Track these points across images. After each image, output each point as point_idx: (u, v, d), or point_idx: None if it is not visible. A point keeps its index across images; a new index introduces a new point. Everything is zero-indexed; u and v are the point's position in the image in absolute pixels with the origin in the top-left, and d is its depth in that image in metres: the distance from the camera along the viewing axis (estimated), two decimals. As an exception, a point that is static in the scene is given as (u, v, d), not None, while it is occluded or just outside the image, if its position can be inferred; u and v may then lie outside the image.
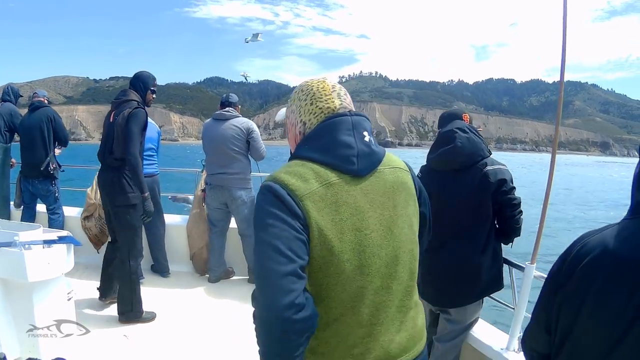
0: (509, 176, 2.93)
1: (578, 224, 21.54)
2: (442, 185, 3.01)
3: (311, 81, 1.64)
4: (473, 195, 2.92)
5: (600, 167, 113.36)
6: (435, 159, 3.09)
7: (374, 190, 1.49)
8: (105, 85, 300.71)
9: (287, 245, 1.33)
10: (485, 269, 2.96)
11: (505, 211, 2.93)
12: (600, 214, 26.21)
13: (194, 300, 4.91)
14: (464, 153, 2.95)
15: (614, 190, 42.57)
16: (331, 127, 1.51)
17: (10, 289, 3.07)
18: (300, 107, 1.59)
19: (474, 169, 2.93)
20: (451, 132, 3.02)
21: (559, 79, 2.69)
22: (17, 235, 3.01)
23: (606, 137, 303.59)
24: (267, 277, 1.31)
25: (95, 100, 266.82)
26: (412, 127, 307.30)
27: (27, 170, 5.64)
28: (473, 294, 3.04)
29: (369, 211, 1.46)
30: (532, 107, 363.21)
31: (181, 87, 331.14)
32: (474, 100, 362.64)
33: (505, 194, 2.89)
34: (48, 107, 5.83)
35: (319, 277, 1.44)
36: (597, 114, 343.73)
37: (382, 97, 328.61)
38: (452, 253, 2.99)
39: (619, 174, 77.19)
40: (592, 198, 36.18)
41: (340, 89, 1.61)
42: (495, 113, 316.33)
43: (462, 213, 2.96)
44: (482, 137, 3.08)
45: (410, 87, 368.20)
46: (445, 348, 3.14)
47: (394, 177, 1.56)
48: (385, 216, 1.50)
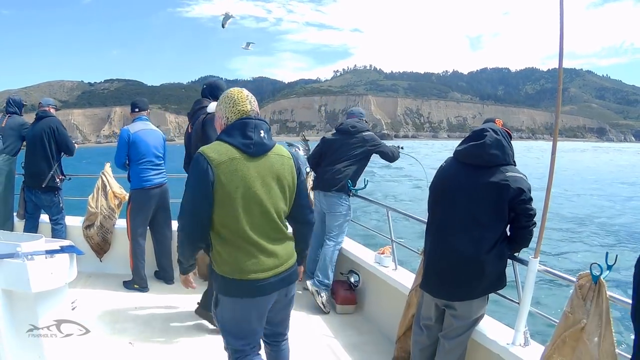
0: (527, 186, 3.00)
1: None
2: (464, 176, 3.14)
3: (234, 90, 2.72)
4: (491, 195, 3.00)
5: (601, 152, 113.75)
6: (462, 152, 3.20)
7: (261, 166, 2.57)
8: (100, 88, 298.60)
9: (200, 192, 2.49)
10: (489, 267, 3.00)
11: (521, 220, 3.02)
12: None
13: (194, 303, 4.90)
14: (490, 151, 3.05)
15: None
16: (242, 125, 2.59)
17: (14, 299, 3.09)
18: (226, 107, 2.65)
19: (496, 170, 3.02)
20: (484, 130, 3.15)
21: (555, 67, 2.72)
22: (19, 246, 3.03)
23: (602, 123, 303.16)
24: (184, 206, 2.57)
25: (90, 104, 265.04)
26: (408, 119, 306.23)
27: (30, 181, 5.64)
28: (474, 290, 3.09)
29: (256, 178, 2.54)
30: (528, 95, 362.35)
31: (176, 87, 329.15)
32: (469, 90, 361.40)
33: (523, 203, 2.97)
34: (52, 117, 5.82)
35: (222, 213, 2.52)
36: (593, 100, 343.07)
37: (377, 90, 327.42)
38: (460, 245, 3.06)
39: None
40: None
41: (252, 98, 2.71)
42: (490, 102, 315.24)
43: (478, 209, 3.04)
44: (512, 145, 3.17)
45: (405, 79, 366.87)
46: (451, 345, 3.17)
47: (277, 160, 2.65)
48: (266, 182, 2.58)
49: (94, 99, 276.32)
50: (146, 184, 5.35)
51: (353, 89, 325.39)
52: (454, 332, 3.19)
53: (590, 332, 2.43)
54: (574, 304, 2.56)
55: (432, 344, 3.35)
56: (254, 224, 2.55)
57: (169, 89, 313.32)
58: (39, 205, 5.78)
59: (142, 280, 5.32)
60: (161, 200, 5.57)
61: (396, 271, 4.53)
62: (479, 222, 3.03)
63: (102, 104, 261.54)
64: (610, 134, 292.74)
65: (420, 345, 3.41)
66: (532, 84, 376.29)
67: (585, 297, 2.51)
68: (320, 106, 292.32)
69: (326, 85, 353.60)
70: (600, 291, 2.45)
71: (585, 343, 2.44)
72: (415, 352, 3.45)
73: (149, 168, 5.38)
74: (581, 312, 2.50)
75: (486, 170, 3.05)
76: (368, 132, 5.43)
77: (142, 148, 5.33)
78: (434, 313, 3.32)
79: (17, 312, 3.11)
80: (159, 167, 5.50)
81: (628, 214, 23.08)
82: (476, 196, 3.05)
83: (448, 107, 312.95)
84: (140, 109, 5.60)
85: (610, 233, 18.26)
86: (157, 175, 5.43)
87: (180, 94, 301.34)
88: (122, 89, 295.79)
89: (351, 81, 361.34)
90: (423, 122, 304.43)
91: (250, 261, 2.54)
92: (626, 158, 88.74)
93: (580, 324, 2.48)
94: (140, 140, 5.34)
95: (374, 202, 5.62)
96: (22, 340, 3.13)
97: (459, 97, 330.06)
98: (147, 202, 5.40)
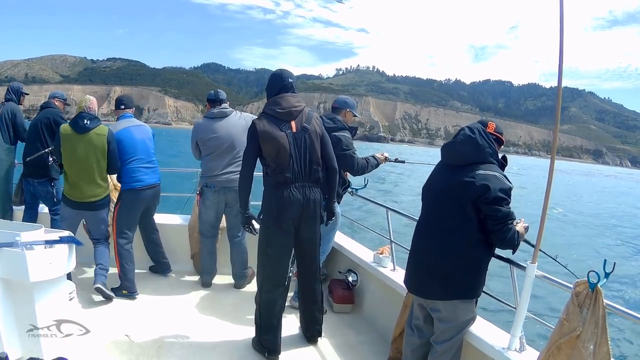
0: (497, 186, 2.89)
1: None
2: (440, 176, 3.17)
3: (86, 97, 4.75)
4: (456, 194, 2.98)
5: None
6: (441, 150, 3.22)
7: (84, 140, 4.47)
8: (102, 66, 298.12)
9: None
10: (455, 272, 3.02)
11: (487, 223, 2.94)
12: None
13: (193, 300, 4.95)
14: (461, 150, 3.04)
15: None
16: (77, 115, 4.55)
17: (12, 289, 3.06)
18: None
19: (469, 169, 2.98)
20: (461, 129, 3.13)
21: (556, 85, 2.73)
22: (18, 235, 3.01)
23: (600, 145, 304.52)
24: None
25: (91, 81, 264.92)
26: (406, 124, 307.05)
27: (27, 170, 5.57)
28: (447, 291, 3.08)
29: (79, 148, 4.46)
30: (528, 111, 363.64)
31: (178, 71, 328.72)
32: (470, 101, 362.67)
33: (486, 203, 2.89)
34: (53, 108, 5.73)
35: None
36: (592, 121, 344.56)
37: (377, 92, 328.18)
38: (433, 244, 3.09)
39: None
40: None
41: (88, 101, 4.74)
42: (489, 114, 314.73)
43: (449, 209, 3.03)
44: (494, 145, 3.09)
45: (406, 84, 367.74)
46: (442, 349, 3.15)
47: (96, 136, 4.51)
48: (86, 151, 4.47)
49: (95, 76, 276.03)
50: (137, 184, 4.97)
51: (354, 89, 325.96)
52: (442, 336, 3.16)
53: (586, 339, 2.40)
54: (570, 311, 2.51)
55: (423, 345, 3.33)
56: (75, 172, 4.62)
57: (170, 73, 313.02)
58: (37, 196, 5.66)
59: (131, 284, 4.86)
60: (153, 202, 5.28)
61: (394, 272, 4.50)
62: (449, 223, 3.01)
63: (102, 82, 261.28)
64: (607, 157, 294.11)
65: (411, 345, 3.40)
66: (534, 100, 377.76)
67: (581, 305, 2.46)
68: (319, 103, 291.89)
69: (327, 82, 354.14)
70: (597, 299, 2.41)
71: (580, 351, 2.41)
72: (407, 353, 3.43)
73: (140, 167, 4.99)
74: (577, 320, 2.45)
75: (460, 169, 3.02)
76: (342, 131, 4.54)
77: (128, 147, 4.92)
78: (421, 313, 3.32)
79: (15, 301, 3.08)
80: (151, 164, 5.12)
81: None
82: (446, 196, 3.04)
83: (447, 115, 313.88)
84: (127, 106, 5.26)
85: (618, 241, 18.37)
86: (150, 175, 5.07)
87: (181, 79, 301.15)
88: (124, 68, 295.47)
89: (353, 81, 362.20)
90: (420, 128, 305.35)
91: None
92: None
93: (576, 331, 2.44)
94: (126, 139, 4.92)
95: (373, 202, 5.48)
96: (19, 330, 3.11)
97: (459, 107, 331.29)
98: (136, 203, 5.04)
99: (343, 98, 4.92)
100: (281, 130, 3.57)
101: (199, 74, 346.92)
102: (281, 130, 3.57)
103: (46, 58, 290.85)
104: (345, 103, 4.81)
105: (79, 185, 4.62)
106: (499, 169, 3.03)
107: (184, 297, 4.98)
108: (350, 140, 4.52)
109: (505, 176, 2.98)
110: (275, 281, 3.75)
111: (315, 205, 3.71)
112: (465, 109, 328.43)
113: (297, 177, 3.60)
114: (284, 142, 3.55)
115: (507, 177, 2.98)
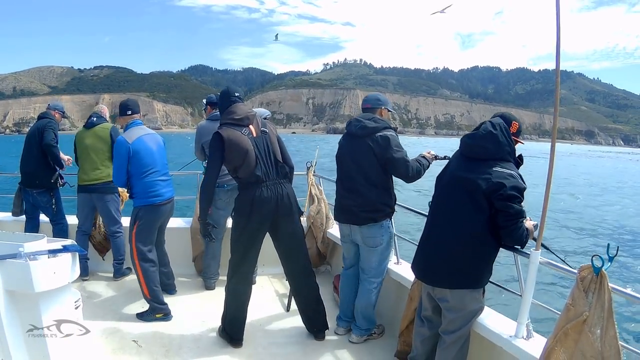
0: (512, 184, 2.92)
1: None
2: (458, 168, 3.18)
3: (99, 106, 5.93)
4: (471, 187, 2.99)
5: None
6: (461, 142, 3.24)
7: (90, 133, 5.47)
8: (89, 74, 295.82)
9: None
10: (462, 261, 3.05)
11: (499, 218, 2.96)
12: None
13: (198, 303, 4.97)
14: (482, 144, 3.06)
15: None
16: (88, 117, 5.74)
17: (18, 300, 3.04)
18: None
19: (486, 164, 3.01)
20: (484, 123, 3.16)
21: (546, 67, 2.76)
22: (22, 246, 2.99)
23: (591, 126, 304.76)
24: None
25: (80, 90, 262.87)
26: (396, 114, 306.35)
27: (24, 180, 5.54)
28: (448, 279, 3.12)
29: (87, 139, 5.47)
30: (518, 95, 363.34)
31: (165, 75, 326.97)
32: (459, 88, 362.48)
33: (500, 199, 2.91)
34: (48, 119, 5.64)
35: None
36: (582, 102, 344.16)
37: (366, 84, 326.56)
38: (444, 232, 3.12)
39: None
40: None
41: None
42: (479, 101, 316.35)
43: (462, 200, 3.05)
44: (513, 144, 3.13)
45: (394, 75, 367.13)
46: (450, 340, 3.18)
47: (101, 129, 5.48)
48: (92, 141, 5.45)
49: (83, 85, 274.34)
50: (157, 199, 4.55)
51: (342, 83, 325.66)
52: (450, 326, 3.19)
53: (593, 324, 2.41)
54: (575, 296, 2.52)
55: (433, 335, 3.36)
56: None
57: (157, 77, 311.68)
58: (36, 206, 5.62)
59: (163, 306, 4.53)
60: (168, 218, 4.92)
61: (398, 265, 4.50)
62: (462, 213, 3.03)
63: (91, 91, 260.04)
64: (599, 137, 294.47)
65: (421, 336, 3.43)
66: (523, 84, 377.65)
67: (587, 289, 2.47)
68: (308, 99, 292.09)
69: (315, 78, 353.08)
70: (602, 283, 2.41)
71: (587, 335, 2.42)
72: (417, 343, 3.46)
73: (157, 180, 4.58)
74: (583, 304, 2.46)
75: (479, 163, 3.05)
76: (387, 130, 3.98)
77: (146, 159, 4.52)
78: (429, 304, 3.35)
79: (21, 312, 3.06)
80: (166, 176, 4.71)
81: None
82: (460, 187, 3.06)
83: (436, 104, 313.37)
84: (134, 111, 4.77)
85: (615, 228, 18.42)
86: (167, 188, 4.68)
87: (169, 82, 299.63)
88: (111, 76, 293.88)
89: (341, 75, 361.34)
90: (410, 118, 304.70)
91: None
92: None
93: (582, 316, 2.45)
94: (142, 150, 4.51)
95: None
96: (26, 341, 3.08)
97: (448, 95, 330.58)
98: (156, 220, 4.66)
99: (374, 95, 4.32)
100: (243, 134, 3.85)
101: (187, 76, 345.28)
102: (243, 134, 3.85)
103: (33, 70, 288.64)
104: (379, 100, 4.24)
105: (86, 169, 5.41)
106: (515, 167, 3.07)
107: (189, 301, 4.99)
108: (398, 139, 3.99)
109: (520, 176, 3.01)
110: (244, 273, 4.02)
111: (289, 199, 3.95)
112: (455, 96, 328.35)
113: (267, 175, 3.85)
114: (249, 145, 3.81)
115: (522, 177, 3.01)
